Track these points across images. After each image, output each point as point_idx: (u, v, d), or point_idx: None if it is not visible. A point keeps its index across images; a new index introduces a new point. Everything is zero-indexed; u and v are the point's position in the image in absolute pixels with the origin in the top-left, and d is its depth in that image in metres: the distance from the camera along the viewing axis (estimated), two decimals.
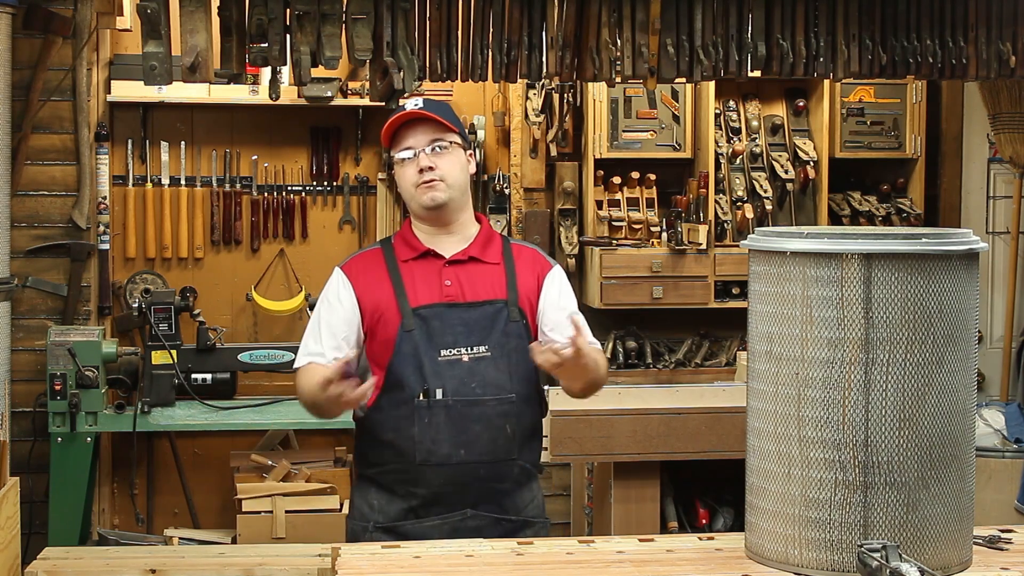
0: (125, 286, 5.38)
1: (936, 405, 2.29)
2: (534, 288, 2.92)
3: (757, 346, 2.40)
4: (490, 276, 2.90)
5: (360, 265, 2.95)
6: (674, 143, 5.50)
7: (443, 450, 2.81)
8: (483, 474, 2.84)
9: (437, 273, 2.88)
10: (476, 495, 2.85)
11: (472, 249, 2.92)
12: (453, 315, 2.84)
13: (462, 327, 2.83)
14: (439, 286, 2.87)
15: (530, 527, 2.89)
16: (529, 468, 2.94)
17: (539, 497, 2.99)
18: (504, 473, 2.87)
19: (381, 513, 2.89)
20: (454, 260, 2.90)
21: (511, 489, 2.89)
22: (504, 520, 2.87)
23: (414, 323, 2.83)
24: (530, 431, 2.92)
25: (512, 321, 2.86)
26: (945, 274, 2.28)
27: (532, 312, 2.90)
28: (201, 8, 3.60)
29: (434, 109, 2.90)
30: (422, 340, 2.82)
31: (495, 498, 2.87)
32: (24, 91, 4.92)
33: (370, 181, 5.55)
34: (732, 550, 2.49)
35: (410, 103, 2.90)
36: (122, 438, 5.20)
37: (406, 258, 2.92)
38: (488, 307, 2.86)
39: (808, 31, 3.87)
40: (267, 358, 4.95)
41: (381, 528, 2.88)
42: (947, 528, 2.32)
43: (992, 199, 5.79)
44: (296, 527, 4.85)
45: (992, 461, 4.76)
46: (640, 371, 5.43)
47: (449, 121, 2.89)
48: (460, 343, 2.83)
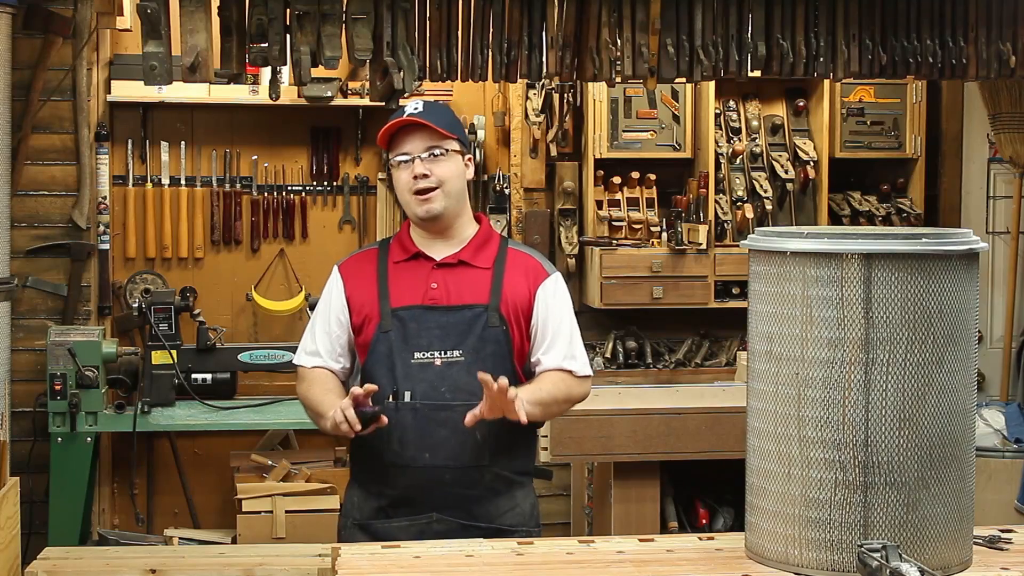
0: (125, 286, 5.38)
1: (936, 405, 2.29)
2: (525, 297, 2.89)
3: (757, 346, 2.40)
4: (476, 280, 2.89)
5: (355, 265, 2.97)
6: (674, 143, 5.50)
7: (408, 452, 2.82)
8: (448, 479, 2.83)
9: (425, 276, 2.89)
10: (442, 499, 2.84)
11: (463, 253, 2.92)
12: (430, 318, 2.84)
13: (438, 330, 2.83)
14: (424, 289, 2.87)
15: (509, 536, 2.79)
16: (509, 476, 2.90)
17: (524, 506, 2.94)
18: (472, 479, 2.85)
19: (358, 510, 2.93)
20: (443, 263, 2.90)
21: (482, 496, 2.86)
22: (472, 527, 2.83)
23: (392, 324, 2.84)
24: (509, 439, 2.86)
25: (491, 327, 2.84)
26: (945, 274, 2.28)
27: (517, 319, 2.87)
28: (201, 8, 3.60)
29: (433, 113, 2.88)
30: (397, 341, 2.83)
31: (463, 504, 2.85)
32: (24, 91, 4.92)
33: (370, 181, 5.55)
34: (732, 550, 2.49)
35: (409, 106, 2.89)
36: (122, 438, 5.20)
37: (398, 259, 2.93)
38: (467, 311, 2.85)
39: (808, 31, 3.87)
40: (267, 358, 4.95)
41: (357, 525, 2.91)
42: (947, 528, 2.32)
43: (992, 199, 5.79)
44: (296, 527, 4.85)
45: (992, 461, 4.75)
46: (640, 371, 5.43)
47: (448, 126, 2.88)
48: (434, 346, 2.82)
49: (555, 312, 2.91)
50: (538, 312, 2.89)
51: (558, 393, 2.87)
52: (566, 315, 2.93)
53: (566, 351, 2.90)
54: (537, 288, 2.91)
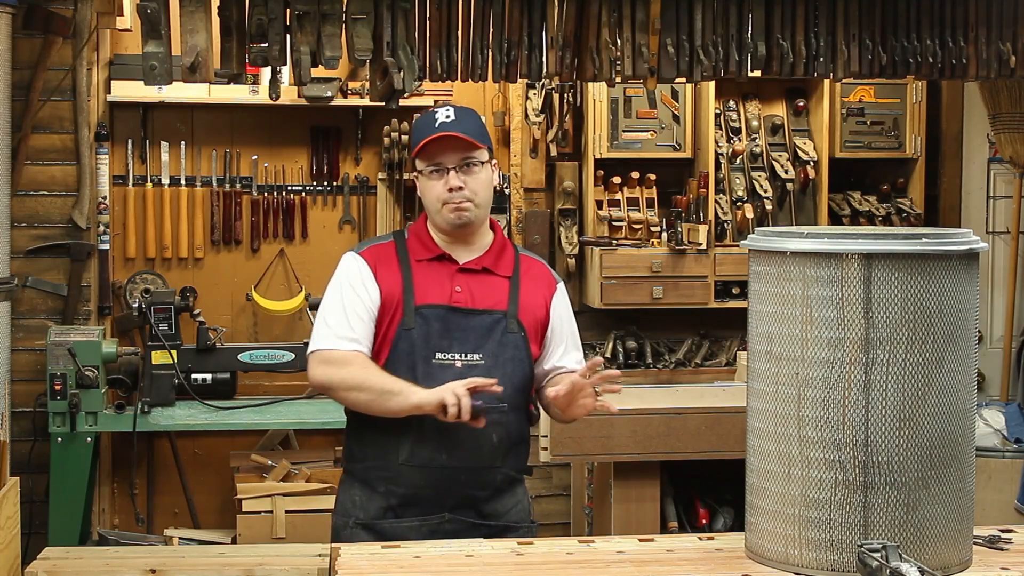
0: (125, 286, 5.38)
1: (936, 405, 2.29)
2: (541, 306, 2.94)
3: (757, 346, 2.40)
4: (496, 287, 2.91)
5: (378, 254, 2.92)
6: (674, 143, 5.49)
7: (426, 452, 2.82)
8: (463, 479, 2.85)
9: (449, 278, 2.89)
10: (455, 500, 2.85)
11: (486, 259, 2.92)
12: (453, 320, 2.84)
13: (459, 333, 2.84)
14: (449, 290, 2.87)
15: (512, 532, 2.87)
16: (514, 475, 2.94)
17: (524, 501, 2.98)
18: (486, 480, 2.87)
19: (362, 509, 2.90)
20: (467, 268, 2.91)
21: (491, 496, 2.89)
22: (482, 525, 2.86)
23: (415, 322, 2.83)
24: (517, 439, 2.92)
25: (510, 332, 2.86)
26: (945, 274, 2.29)
27: (533, 327, 2.91)
28: (201, 8, 3.60)
29: (465, 121, 2.86)
30: (419, 341, 2.83)
31: (474, 504, 2.87)
32: (24, 91, 4.92)
33: (370, 181, 5.55)
34: (732, 550, 2.49)
35: (440, 113, 2.86)
36: (122, 438, 5.20)
37: (420, 258, 2.91)
38: (487, 316, 2.86)
39: (808, 31, 3.87)
40: (267, 358, 4.94)
41: (361, 524, 2.88)
42: (947, 528, 2.32)
43: (992, 199, 5.79)
44: (296, 527, 4.85)
45: (992, 461, 4.75)
46: (640, 371, 5.43)
47: (478, 134, 2.87)
48: (455, 348, 2.83)
49: (567, 319, 3.01)
50: (553, 320, 2.96)
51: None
52: (573, 321, 3.05)
53: (580, 355, 3.01)
54: (552, 297, 2.98)
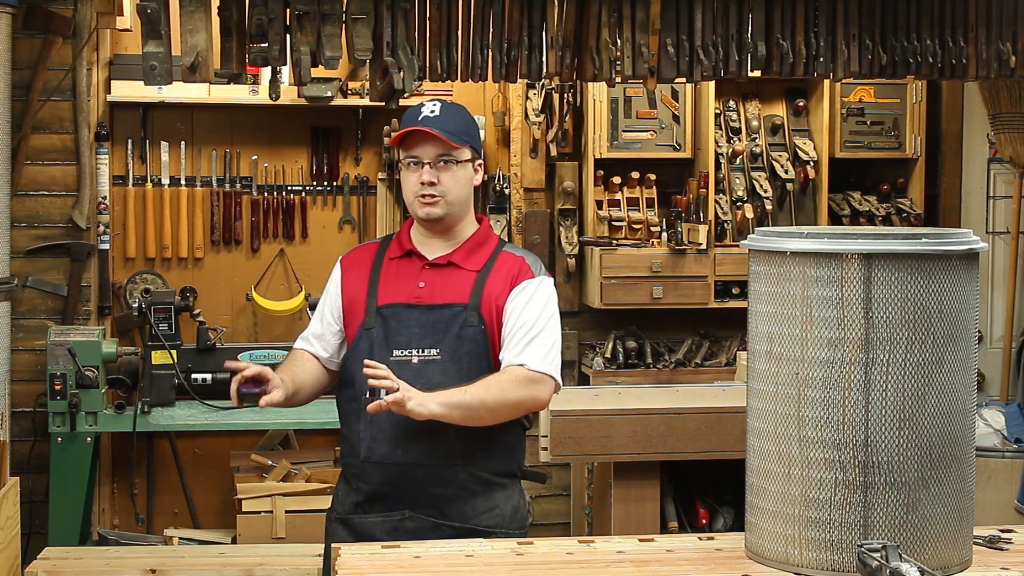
0: (125, 286, 5.38)
1: (936, 405, 2.29)
2: (503, 294, 2.86)
3: (757, 346, 2.40)
4: (461, 281, 2.89)
5: (355, 258, 3.02)
6: (674, 143, 5.50)
7: (382, 449, 2.84)
8: (420, 476, 2.84)
9: (415, 274, 2.90)
10: (414, 497, 2.85)
11: (455, 254, 2.92)
12: (411, 316, 2.85)
13: (417, 329, 2.84)
14: (412, 287, 2.88)
15: (485, 537, 2.75)
16: (487, 477, 2.88)
17: (504, 508, 2.90)
18: (446, 479, 2.84)
19: (340, 504, 2.96)
20: (434, 263, 2.91)
21: (455, 496, 2.85)
22: (444, 526, 2.84)
23: (375, 321, 2.87)
24: (489, 439, 2.85)
25: (469, 326, 2.84)
26: (945, 274, 2.28)
27: (493, 319, 2.85)
28: (201, 8, 3.60)
29: (448, 119, 2.86)
30: (378, 339, 2.85)
31: (435, 503, 2.85)
32: (24, 91, 4.92)
33: (370, 181, 5.55)
34: (732, 550, 2.49)
35: (427, 107, 2.87)
36: (122, 438, 5.20)
37: (393, 256, 2.95)
38: (447, 310, 2.85)
39: (808, 31, 3.87)
40: (267, 358, 4.94)
41: (338, 519, 2.94)
42: (947, 528, 2.32)
43: (992, 199, 5.79)
44: (296, 527, 4.85)
45: (992, 461, 4.75)
46: (640, 371, 5.43)
47: (461, 132, 2.87)
48: (413, 344, 2.84)
49: (527, 312, 2.83)
50: (505, 311, 2.84)
51: (497, 394, 2.77)
52: (541, 317, 2.84)
53: (523, 348, 2.81)
54: (516, 286, 2.86)
